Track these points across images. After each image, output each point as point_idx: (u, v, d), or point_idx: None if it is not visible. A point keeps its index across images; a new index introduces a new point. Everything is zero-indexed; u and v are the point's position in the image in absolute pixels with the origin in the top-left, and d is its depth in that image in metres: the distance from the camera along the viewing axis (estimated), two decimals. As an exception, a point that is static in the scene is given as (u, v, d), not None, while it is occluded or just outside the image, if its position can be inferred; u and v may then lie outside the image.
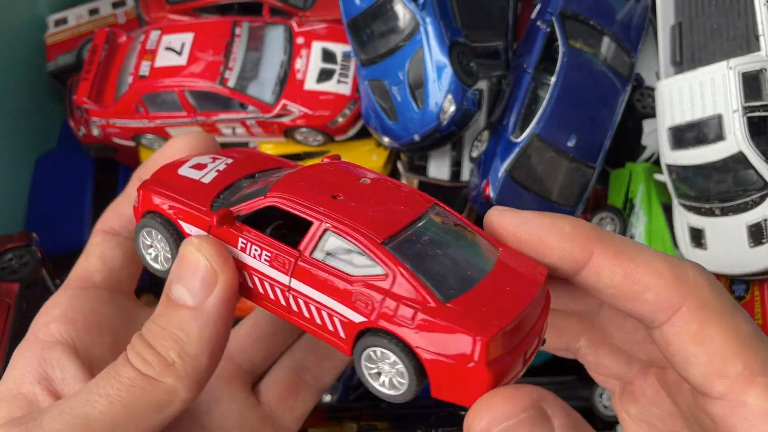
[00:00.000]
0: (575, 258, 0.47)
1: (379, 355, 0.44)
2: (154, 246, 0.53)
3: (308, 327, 0.48)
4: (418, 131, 1.27)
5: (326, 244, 0.46)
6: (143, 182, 0.54)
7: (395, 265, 0.44)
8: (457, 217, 0.50)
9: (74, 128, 1.57)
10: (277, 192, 0.48)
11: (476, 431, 0.41)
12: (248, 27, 1.43)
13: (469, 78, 1.25)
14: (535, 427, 0.40)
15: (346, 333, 0.45)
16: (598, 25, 1.32)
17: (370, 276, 0.44)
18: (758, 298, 1.17)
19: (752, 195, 1.10)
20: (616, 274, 0.46)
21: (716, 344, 0.45)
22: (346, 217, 0.45)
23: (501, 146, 1.29)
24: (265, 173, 0.55)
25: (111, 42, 1.46)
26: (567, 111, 1.27)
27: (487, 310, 0.42)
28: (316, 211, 0.46)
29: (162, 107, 1.40)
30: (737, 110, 1.10)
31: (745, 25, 1.15)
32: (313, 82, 1.38)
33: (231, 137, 1.46)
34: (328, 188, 0.48)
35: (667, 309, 0.46)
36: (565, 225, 0.47)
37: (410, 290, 0.43)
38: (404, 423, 1.17)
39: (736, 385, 0.44)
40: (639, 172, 1.33)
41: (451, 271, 0.45)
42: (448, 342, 0.41)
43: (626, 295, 0.46)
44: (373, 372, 0.45)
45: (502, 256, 0.47)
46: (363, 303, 0.44)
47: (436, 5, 1.25)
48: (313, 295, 0.46)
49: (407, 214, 0.47)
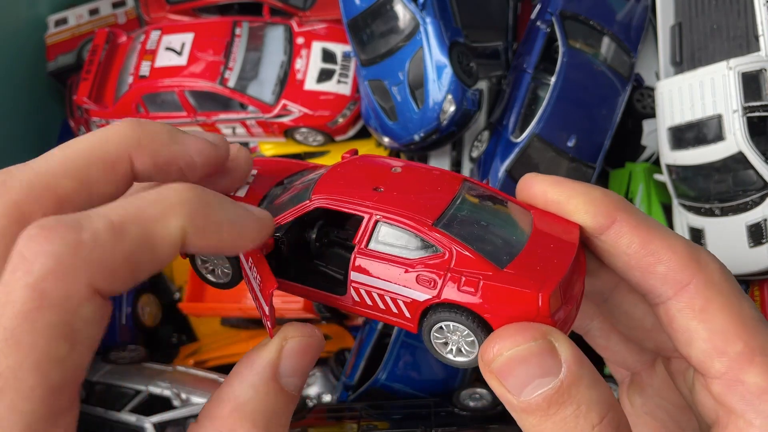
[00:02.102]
0: (599, 221, 0.49)
1: (450, 328, 0.48)
2: (210, 261, 0.53)
3: (373, 314, 0.51)
4: (418, 131, 1.27)
5: (379, 234, 0.49)
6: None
7: (450, 242, 0.47)
8: (486, 188, 0.54)
9: (74, 128, 1.58)
10: (320, 194, 0.50)
11: (487, 356, 0.44)
12: (248, 27, 1.43)
13: (469, 78, 1.25)
14: (543, 356, 0.43)
15: (411, 312, 0.49)
16: (598, 25, 1.32)
17: (428, 257, 0.48)
18: (758, 298, 1.17)
19: (752, 195, 1.10)
20: (633, 242, 0.48)
21: (719, 322, 0.46)
22: (394, 206, 0.48)
23: (501, 146, 1.29)
24: (292, 178, 0.56)
25: (111, 42, 1.46)
26: (567, 111, 1.27)
27: (540, 269, 0.46)
28: (363, 205, 0.49)
29: (162, 107, 1.40)
30: (737, 110, 1.10)
31: (745, 25, 1.15)
32: (313, 82, 1.38)
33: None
34: (365, 182, 0.51)
35: (675, 283, 0.47)
36: (595, 191, 0.51)
37: (469, 263, 0.46)
38: (404, 423, 1.17)
39: (735, 364, 0.45)
40: (639, 172, 1.33)
41: (498, 239, 0.49)
42: (513, 302, 0.45)
43: (639, 265, 0.48)
44: (440, 342, 0.49)
45: (536, 219, 0.51)
46: (427, 282, 0.47)
47: (436, 5, 1.25)
48: (375, 284, 0.49)
49: (445, 193, 0.50)
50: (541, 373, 0.42)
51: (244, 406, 0.44)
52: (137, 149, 0.45)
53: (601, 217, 0.49)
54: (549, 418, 0.42)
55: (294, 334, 0.47)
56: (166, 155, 0.46)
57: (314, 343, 0.48)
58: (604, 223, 0.49)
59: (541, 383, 0.42)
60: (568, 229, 0.50)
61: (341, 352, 1.43)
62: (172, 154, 0.46)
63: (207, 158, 0.48)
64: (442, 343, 0.49)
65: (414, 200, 0.49)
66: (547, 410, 0.42)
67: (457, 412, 1.19)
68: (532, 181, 0.53)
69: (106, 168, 0.44)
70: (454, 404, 1.20)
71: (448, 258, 0.47)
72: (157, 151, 0.45)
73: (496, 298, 0.45)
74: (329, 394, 1.35)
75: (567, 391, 0.42)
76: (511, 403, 0.43)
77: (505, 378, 0.43)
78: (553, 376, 0.42)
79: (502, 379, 0.43)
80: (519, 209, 0.53)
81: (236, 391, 0.45)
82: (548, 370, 0.43)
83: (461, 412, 1.19)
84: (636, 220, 0.49)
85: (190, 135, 0.47)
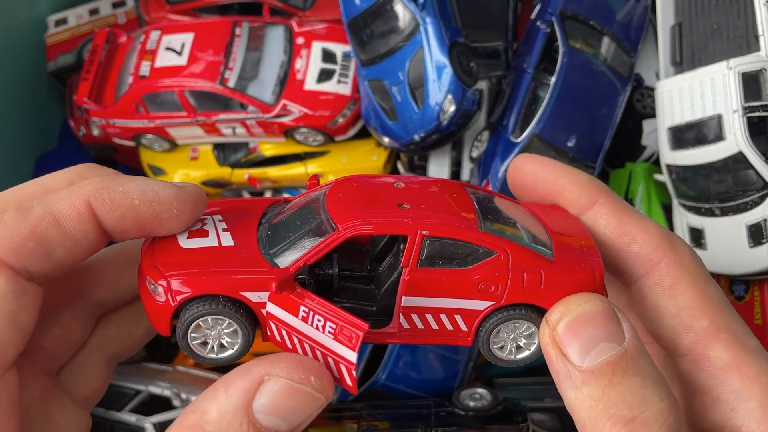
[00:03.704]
0: (581, 202, 0.52)
1: (509, 327, 0.47)
2: (205, 335, 0.48)
3: (423, 338, 0.48)
4: (418, 131, 1.27)
5: (429, 250, 0.46)
6: (156, 273, 0.47)
7: (502, 243, 0.46)
8: (482, 189, 0.55)
9: (74, 128, 1.58)
10: (349, 220, 0.46)
11: (554, 318, 0.44)
12: (248, 27, 1.43)
13: (469, 78, 1.25)
14: (608, 319, 0.43)
15: (468, 325, 0.47)
16: (598, 25, 1.32)
17: (485, 262, 0.46)
18: (758, 298, 1.17)
19: (752, 195, 1.10)
20: (611, 222, 0.51)
21: (686, 299, 0.48)
22: (434, 219, 0.46)
23: (501, 146, 1.29)
24: (268, 215, 0.52)
25: (111, 42, 1.46)
26: (567, 111, 1.27)
27: (579, 253, 0.47)
28: (403, 224, 0.46)
29: (162, 107, 1.40)
30: (737, 110, 1.10)
31: (745, 25, 1.15)
32: (313, 82, 1.38)
33: (231, 137, 1.46)
34: (383, 201, 0.48)
35: (647, 262, 0.49)
36: (580, 174, 0.54)
37: (525, 259, 0.46)
38: (404, 423, 1.16)
39: (701, 339, 0.47)
40: (639, 172, 1.33)
41: (528, 233, 0.49)
42: (572, 287, 0.46)
43: (614, 244, 0.51)
44: (497, 347, 0.49)
45: (534, 210, 0.52)
46: (488, 288, 0.46)
47: (436, 5, 1.25)
48: (430, 304, 0.46)
49: (464, 199, 0.50)
50: (606, 336, 0.42)
51: (207, 424, 0.42)
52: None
53: (585, 197, 0.52)
54: (614, 386, 0.41)
55: (281, 373, 0.43)
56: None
57: (304, 392, 0.43)
58: (586, 203, 0.52)
59: (606, 348, 0.42)
60: (563, 214, 0.52)
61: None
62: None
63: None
64: (498, 348, 0.48)
65: (445, 210, 0.47)
66: (611, 377, 0.41)
67: (457, 412, 1.19)
68: (524, 161, 0.56)
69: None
70: (454, 404, 1.20)
71: (504, 259, 0.46)
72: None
73: (557, 287, 0.46)
74: (329, 394, 1.35)
75: (632, 360, 0.42)
76: (573, 376, 0.42)
77: (569, 342, 0.43)
78: (617, 343, 0.42)
79: (567, 343, 0.43)
80: (513, 204, 0.53)
81: (206, 405, 0.43)
82: (613, 334, 0.42)
83: (461, 412, 1.19)
84: (616, 203, 0.52)
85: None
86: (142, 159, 1.54)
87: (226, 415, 0.42)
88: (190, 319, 0.47)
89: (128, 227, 0.47)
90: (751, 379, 0.45)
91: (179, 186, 0.48)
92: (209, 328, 0.48)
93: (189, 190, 0.48)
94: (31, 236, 0.44)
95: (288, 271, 0.46)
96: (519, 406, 1.21)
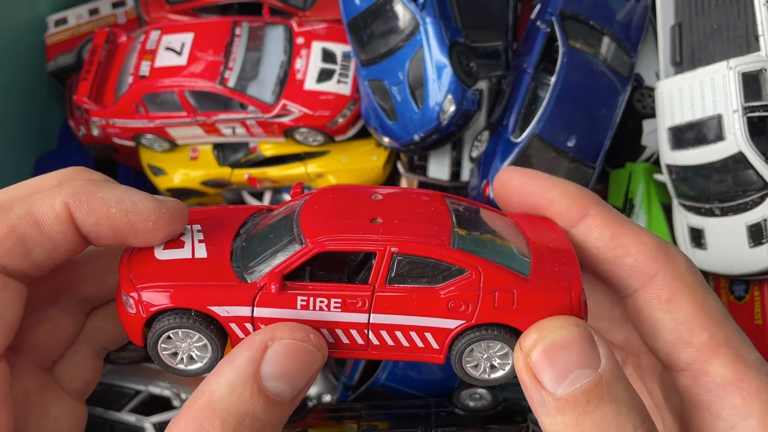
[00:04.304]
0: (572, 215, 0.50)
1: (482, 347, 0.46)
2: (175, 347, 0.49)
3: (394, 354, 0.48)
4: (418, 131, 1.27)
5: (398, 267, 0.46)
6: (129, 284, 0.47)
7: (474, 261, 0.45)
8: (464, 200, 0.53)
9: (74, 128, 1.57)
10: (318, 235, 0.46)
11: (528, 344, 0.43)
12: (248, 27, 1.43)
13: (469, 78, 1.25)
14: (584, 344, 0.42)
15: (439, 343, 0.47)
16: (598, 25, 1.32)
17: (455, 280, 0.45)
18: (758, 298, 1.17)
19: (752, 195, 1.10)
20: (604, 235, 0.49)
21: (685, 313, 0.47)
22: (404, 236, 0.45)
23: (501, 146, 1.29)
24: (247, 225, 0.52)
25: (111, 42, 1.46)
26: (567, 111, 1.27)
27: (558, 270, 0.46)
28: (372, 240, 0.45)
29: (162, 107, 1.40)
30: (737, 110, 1.10)
31: (745, 25, 1.15)
32: (313, 82, 1.38)
33: (231, 137, 1.46)
34: (357, 215, 0.47)
35: (642, 275, 0.48)
36: (569, 185, 0.52)
37: (498, 278, 0.45)
38: (404, 423, 1.16)
39: (700, 354, 0.46)
40: (639, 172, 1.33)
41: (505, 249, 0.47)
42: (546, 308, 0.44)
43: (607, 258, 0.49)
44: (471, 366, 0.47)
45: (519, 224, 0.51)
46: (458, 307, 0.45)
47: (436, 5, 1.25)
48: (399, 321, 0.46)
49: (439, 213, 0.48)
50: (582, 363, 0.41)
51: (216, 403, 0.42)
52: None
53: (575, 210, 0.50)
54: (588, 415, 0.40)
55: (284, 336, 0.44)
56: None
57: (307, 349, 0.44)
58: (576, 216, 0.50)
59: (581, 375, 0.41)
60: (549, 226, 0.51)
61: (341, 352, 1.42)
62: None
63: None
64: (472, 367, 0.47)
65: (418, 226, 0.47)
66: (585, 406, 0.40)
67: (457, 412, 1.19)
68: (509, 175, 0.54)
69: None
70: (454, 404, 1.20)
71: (476, 277, 0.45)
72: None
73: (530, 307, 0.44)
74: (329, 394, 1.35)
75: (606, 387, 0.41)
76: (547, 403, 0.42)
77: (543, 369, 0.42)
78: (593, 369, 0.41)
79: (541, 370, 0.42)
80: (498, 216, 0.52)
81: (212, 386, 0.43)
82: (588, 360, 0.41)
83: (461, 412, 1.19)
84: (608, 214, 0.50)
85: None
86: (142, 159, 1.54)
87: (235, 388, 0.43)
88: (160, 331, 0.47)
89: (103, 234, 0.48)
90: (752, 395, 0.44)
91: (160, 200, 0.48)
92: (179, 340, 0.48)
93: (169, 205, 0.48)
94: (10, 235, 0.45)
95: (256, 286, 0.46)
96: (519, 406, 1.22)
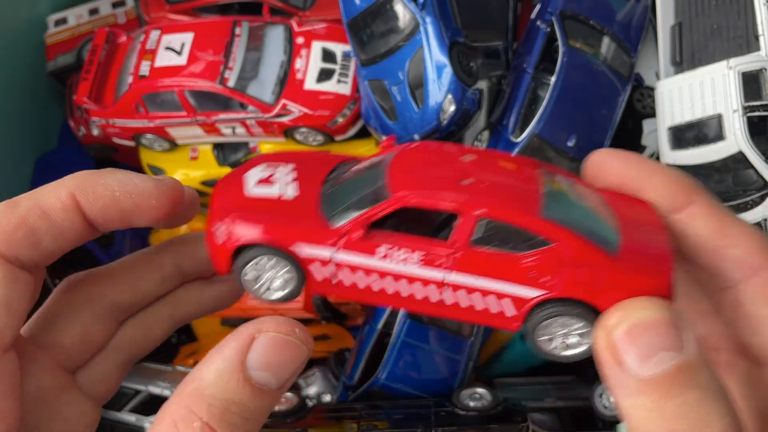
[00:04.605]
0: (675, 201, 0.49)
1: (559, 322, 0.45)
2: (260, 277, 0.50)
3: (464, 316, 0.47)
4: (418, 131, 1.27)
5: (482, 230, 0.45)
6: (222, 214, 0.48)
7: (561, 232, 0.44)
8: (556, 170, 0.51)
9: (74, 128, 1.57)
10: (403, 189, 0.45)
11: (610, 323, 0.41)
12: (248, 27, 1.43)
13: (469, 78, 1.25)
14: (670, 327, 0.40)
15: (517, 309, 0.46)
16: (598, 25, 1.32)
17: (541, 250, 0.44)
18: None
19: (752, 195, 1.10)
20: (709, 222, 0.48)
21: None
22: (493, 199, 0.45)
23: (501, 146, 1.29)
24: (336, 171, 0.52)
25: (111, 42, 1.46)
26: (567, 111, 1.27)
27: (649, 252, 0.44)
28: (459, 201, 0.45)
29: (162, 107, 1.40)
30: (737, 110, 1.10)
31: (745, 25, 1.15)
32: (313, 82, 1.38)
33: (231, 137, 1.46)
34: (447, 173, 0.47)
35: (747, 268, 0.46)
36: (672, 171, 0.50)
37: (583, 252, 0.44)
38: (404, 423, 1.16)
39: None
40: (639, 172, 1.33)
41: (596, 224, 0.46)
42: (632, 289, 0.43)
43: (711, 246, 0.47)
44: (544, 339, 0.46)
45: (612, 201, 0.49)
46: (539, 278, 0.44)
47: (436, 5, 1.25)
48: (476, 283, 0.45)
49: (533, 181, 0.47)
50: (666, 345, 0.39)
51: (205, 388, 0.44)
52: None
53: (680, 196, 0.48)
54: (670, 399, 0.39)
55: (269, 329, 0.45)
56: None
57: (291, 341, 0.45)
58: (681, 203, 0.48)
59: (665, 357, 0.39)
60: (644, 208, 0.49)
61: (341, 352, 1.42)
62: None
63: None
64: (546, 340, 0.46)
65: (507, 191, 0.46)
66: (669, 390, 0.39)
67: (457, 412, 1.19)
68: (606, 157, 0.52)
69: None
70: (454, 404, 1.20)
71: (560, 250, 0.44)
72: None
73: (617, 287, 0.43)
74: (329, 394, 1.35)
75: (692, 372, 0.39)
76: (627, 384, 0.40)
77: (625, 349, 0.40)
78: (677, 352, 0.39)
79: (623, 349, 0.40)
80: (592, 191, 0.50)
81: (202, 373, 0.45)
82: (673, 343, 0.40)
83: (461, 411, 1.19)
84: (713, 203, 0.48)
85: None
86: (142, 159, 1.54)
87: (223, 375, 0.44)
88: (248, 258, 0.49)
89: (110, 217, 0.50)
90: None
91: (158, 179, 0.51)
92: (263, 269, 0.49)
93: (167, 183, 0.51)
94: (21, 226, 0.47)
95: (340, 231, 0.46)
96: (519, 406, 1.22)
